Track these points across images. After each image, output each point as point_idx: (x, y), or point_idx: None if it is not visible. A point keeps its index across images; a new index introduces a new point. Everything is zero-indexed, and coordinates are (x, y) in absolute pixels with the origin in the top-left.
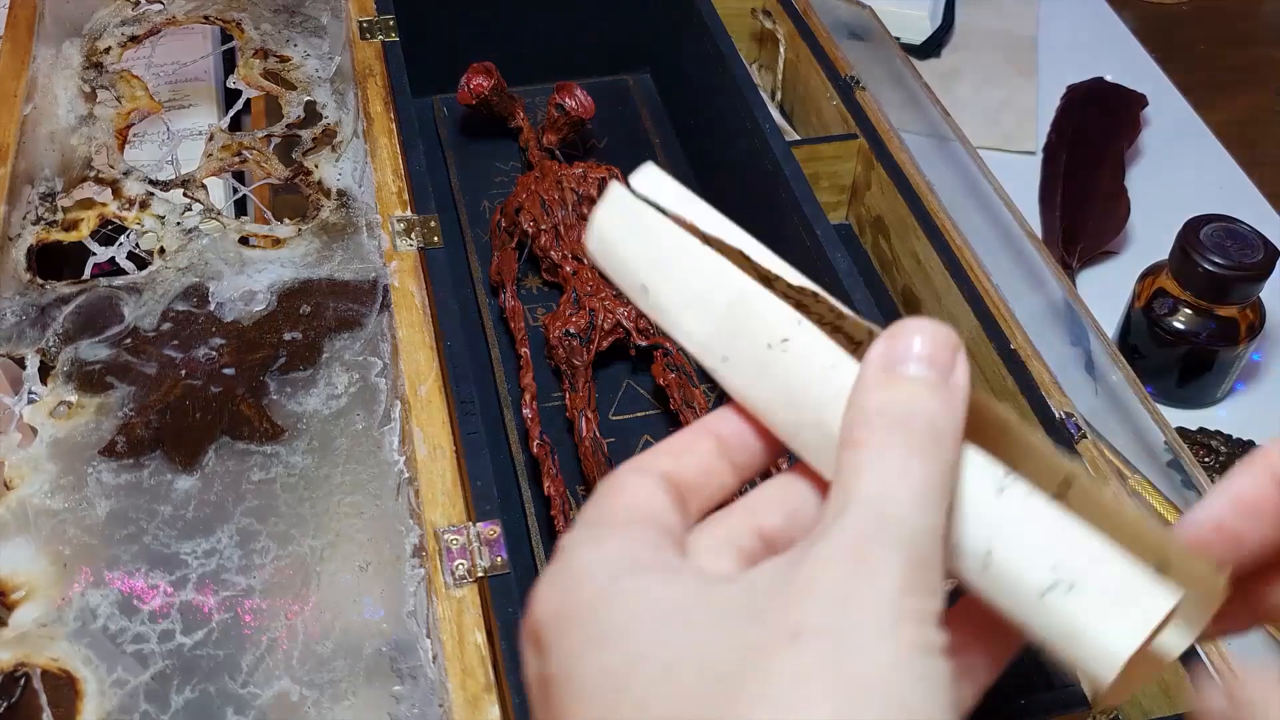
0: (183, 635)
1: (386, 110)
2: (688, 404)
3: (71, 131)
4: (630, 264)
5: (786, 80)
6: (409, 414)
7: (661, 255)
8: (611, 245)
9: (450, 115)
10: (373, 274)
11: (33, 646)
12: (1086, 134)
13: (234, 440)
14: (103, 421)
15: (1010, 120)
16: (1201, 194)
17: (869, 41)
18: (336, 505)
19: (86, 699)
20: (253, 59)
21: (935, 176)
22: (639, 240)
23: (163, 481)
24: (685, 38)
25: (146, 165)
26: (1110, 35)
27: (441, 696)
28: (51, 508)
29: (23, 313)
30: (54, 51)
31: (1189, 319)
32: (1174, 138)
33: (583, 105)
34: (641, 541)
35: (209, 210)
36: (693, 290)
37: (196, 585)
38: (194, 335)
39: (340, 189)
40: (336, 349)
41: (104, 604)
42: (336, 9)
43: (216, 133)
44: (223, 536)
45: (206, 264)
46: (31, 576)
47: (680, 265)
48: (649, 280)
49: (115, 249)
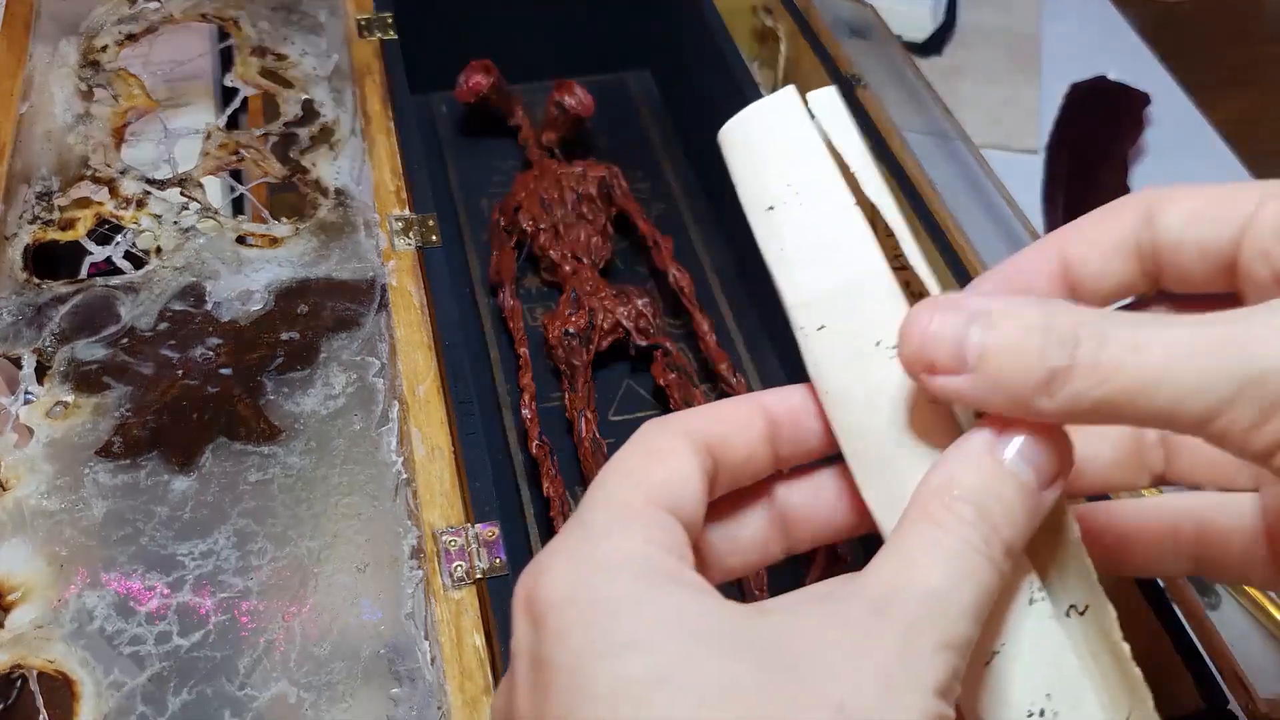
0: (180, 637)
1: (384, 108)
2: (687, 404)
3: (68, 130)
4: (766, 175)
5: (787, 78)
6: (407, 414)
7: (807, 186)
8: (755, 146)
9: (449, 113)
10: (370, 273)
11: (29, 648)
12: (1090, 132)
13: (231, 441)
14: (99, 422)
15: (1013, 118)
16: None
17: (870, 39)
18: (334, 506)
19: (83, 701)
20: (250, 57)
21: (937, 175)
22: (789, 156)
23: (159, 482)
24: (685, 35)
25: (143, 164)
26: (1114, 33)
27: (440, 699)
28: (48, 509)
29: (19, 312)
30: (50, 49)
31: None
32: (1178, 136)
33: (582, 103)
34: (661, 542)
35: (206, 209)
36: (824, 241)
37: (194, 587)
38: (191, 335)
39: (338, 188)
40: (334, 349)
41: (101, 605)
42: (334, 7)
43: (214, 131)
44: (220, 538)
45: (203, 263)
46: (28, 578)
47: (822, 209)
48: (780, 203)
49: (112, 248)
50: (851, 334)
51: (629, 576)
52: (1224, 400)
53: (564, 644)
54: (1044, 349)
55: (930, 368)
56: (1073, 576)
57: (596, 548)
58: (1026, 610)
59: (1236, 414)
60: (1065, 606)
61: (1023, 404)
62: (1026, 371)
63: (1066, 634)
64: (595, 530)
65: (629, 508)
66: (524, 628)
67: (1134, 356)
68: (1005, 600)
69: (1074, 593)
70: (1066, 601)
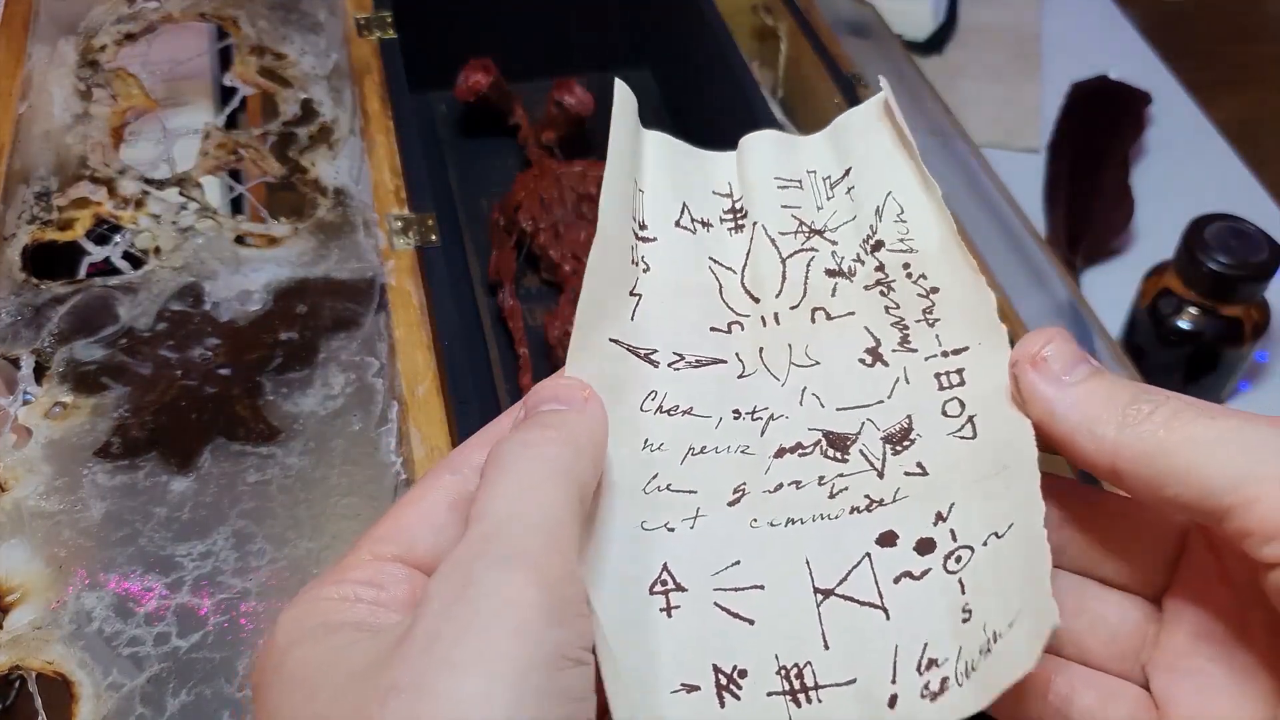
0: (179, 638)
1: (384, 107)
2: None
3: (67, 130)
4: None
5: (788, 77)
6: (406, 415)
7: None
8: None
9: (448, 112)
10: (370, 273)
11: (27, 649)
12: (1091, 132)
13: (230, 441)
14: (98, 422)
15: (1014, 118)
16: (1207, 192)
17: (871, 38)
18: (333, 507)
19: (82, 702)
20: (249, 56)
21: (938, 175)
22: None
23: (158, 483)
24: (686, 35)
25: (142, 164)
26: (1115, 32)
27: None
28: (46, 509)
29: (18, 313)
30: (49, 49)
31: (1194, 318)
32: (1179, 136)
33: (582, 102)
34: (351, 589)
35: (205, 209)
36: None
37: (192, 588)
38: (189, 335)
39: (337, 187)
40: (333, 349)
41: (99, 607)
42: (333, 5)
43: (212, 131)
44: (219, 539)
45: (202, 263)
46: (26, 579)
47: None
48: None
49: (110, 248)
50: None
51: (285, 642)
52: (1264, 477)
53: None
54: (1136, 395)
55: (1039, 363)
56: (979, 513)
57: (276, 623)
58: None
59: (1269, 497)
60: (984, 537)
61: (1090, 424)
62: (1111, 402)
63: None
64: (284, 611)
65: (334, 569)
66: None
67: (1208, 420)
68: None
69: (991, 524)
70: (986, 533)
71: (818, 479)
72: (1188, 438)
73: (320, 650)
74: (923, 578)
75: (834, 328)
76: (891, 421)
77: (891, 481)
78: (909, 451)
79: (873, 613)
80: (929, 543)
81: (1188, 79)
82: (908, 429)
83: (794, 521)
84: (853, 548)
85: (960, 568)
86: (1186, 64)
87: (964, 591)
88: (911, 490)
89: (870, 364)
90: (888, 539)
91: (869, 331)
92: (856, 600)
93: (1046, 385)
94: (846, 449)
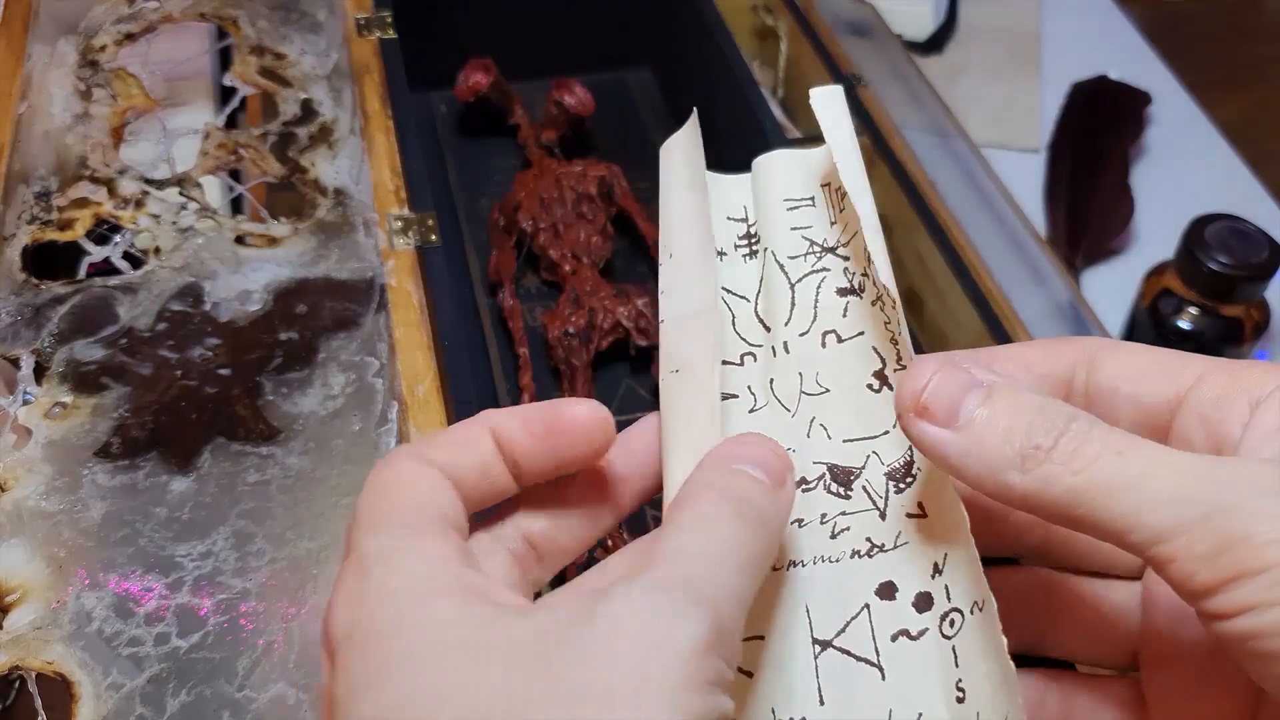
0: (179, 638)
1: (383, 107)
2: None
3: (66, 130)
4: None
5: (788, 77)
6: (406, 415)
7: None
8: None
9: (448, 112)
10: (369, 273)
11: (27, 649)
12: (1091, 132)
13: (230, 441)
14: (98, 422)
15: (1014, 118)
16: (1207, 192)
17: (871, 38)
18: (333, 507)
19: (82, 702)
20: (249, 56)
21: (938, 174)
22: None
23: (158, 483)
24: (686, 34)
25: (142, 164)
26: (1115, 32)
27: None
28: (46, 510)
29: (18, 313)
30: (49, 49)
31: (1194, 318)
32: (1179, 135)
33: (582, 102)
34: (439, 554)
35: (205, 209)
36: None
37: (192, 588)
38: (189, 335)
39: (337, 187)
40: (333, 349)
41: (99, 607)
42: (333, 5)
43: (212, 130)
44: (218, 539)
45: (202, 263)
46: (26, 579)
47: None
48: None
49: (110, 248)
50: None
51: (403, 599)
52: (1187, 522)
53: (343, 677)
54: (1032, 426)
55: (922, 411)
56: (966, 575)
57: (372, 575)
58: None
59: (1193, 539)
60: (969, 604)
61: (993, 472)
62: (1008, 441)
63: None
64: (369, 558)
65: (398, 530)
66: (324, 666)
67: (1115, 458)
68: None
69: (973, 590)
70: (970, 599)
71: (820, 516)
72: (1096, 485)
73: (471, 615)
74: (919, 638)
75: (844, 351)
76: (895, 456)
77: (893, 524)
78: (910, 490)
79: (869, 670)
80: (926, 599)
81: (1188, 79)
82: (909, 463)
83: (795, 564)
84: (852, 597)
85: (954, 633)
86: (1186, 64)
87: (957, 664)
88: (911, 536)
89: (877, 389)
90: (887, 591)
91: (876, 352)
92: (854, 655)
93: (937, 434)
94: (850, 485)
